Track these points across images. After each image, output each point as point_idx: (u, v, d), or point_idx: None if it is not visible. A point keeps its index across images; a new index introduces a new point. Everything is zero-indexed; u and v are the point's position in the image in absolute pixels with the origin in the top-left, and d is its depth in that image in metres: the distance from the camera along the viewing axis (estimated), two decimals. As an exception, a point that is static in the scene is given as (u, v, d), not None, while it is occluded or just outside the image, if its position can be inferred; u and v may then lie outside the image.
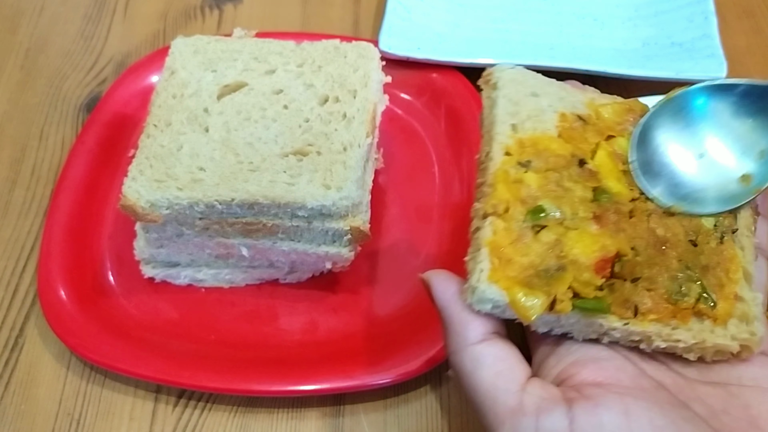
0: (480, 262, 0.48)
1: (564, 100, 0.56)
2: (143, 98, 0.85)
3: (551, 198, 0.51)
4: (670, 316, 0.48)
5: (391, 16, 0.93)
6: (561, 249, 0.49)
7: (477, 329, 0.48)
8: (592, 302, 0.48)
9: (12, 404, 0.72)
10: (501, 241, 0.49)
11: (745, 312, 0.49)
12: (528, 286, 0.47)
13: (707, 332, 0.48)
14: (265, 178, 0.68)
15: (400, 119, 0.88)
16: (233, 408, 0.71)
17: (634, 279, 0.49)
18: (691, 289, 0.49)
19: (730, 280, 0.50)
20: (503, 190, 0.50)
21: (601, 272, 0.48)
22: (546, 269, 0.48)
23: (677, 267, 0.50)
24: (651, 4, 0.97)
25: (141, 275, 0.76)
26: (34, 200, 0.85)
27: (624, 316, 0.48)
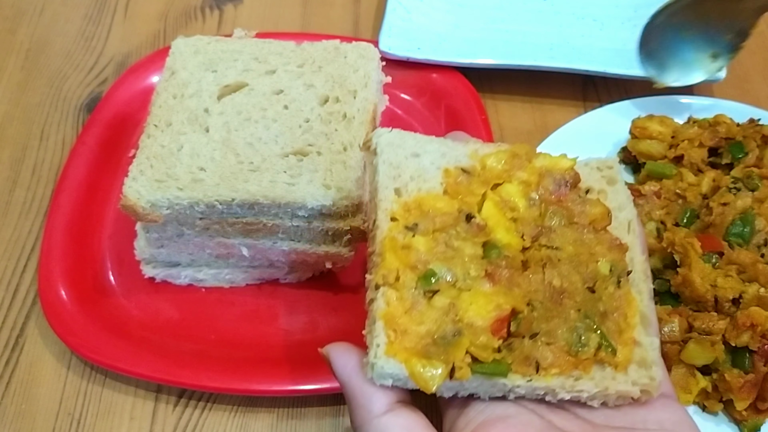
0: (376, 337, 0.47)
1: (446, 155, 0.55)
2: (144, 98, 0.85)
3: (441, 260, 0.50)
4: (572, 368, 0.48)
5: (391, 17, 0.93)
6: (456, 313, 0.48)
7: (381, 401, 0.47)
8: (491, 366, 0.47)
9: (13, 404, 0.72)
10: (395, 312, 0.47)
11: (643, 357, 0.50)
12: (426, 356, 0.47)
13: (609, 380, 0.49)
14: (266, 178, 0.68)
15: (400, 119, 0.88)
16: (233, 407, 0.71)
17: (533, 335, 0.49)
18: (590, 339, 0.49)
19: (628, 325, 0.50)
20: (392, 258, 0.49)
21: (497, 333, 0.48)
22: (443, 336, 0.47)
23: (576, 317, 0.50)
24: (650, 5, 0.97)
25: (141, 275, 0.76)
26: (35, 200, 0.86)
27: (526, 373, 0.48)
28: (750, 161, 0.75)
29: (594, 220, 0.53)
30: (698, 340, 0.64)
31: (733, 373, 0.63)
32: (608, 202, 0.55)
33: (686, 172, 0.77)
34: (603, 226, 0.53)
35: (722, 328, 0.64)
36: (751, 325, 0.63)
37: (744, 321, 0.63)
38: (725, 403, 0.66)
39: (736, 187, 0.72)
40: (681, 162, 0.79)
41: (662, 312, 0.66)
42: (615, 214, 0.54)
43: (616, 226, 0.54)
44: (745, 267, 0.67)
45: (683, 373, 0.65)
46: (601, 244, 0.52)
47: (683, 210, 0.74)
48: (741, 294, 0.65)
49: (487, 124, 0.85)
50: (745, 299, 0.65)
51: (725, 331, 0.64)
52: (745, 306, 0.65)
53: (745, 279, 0.66)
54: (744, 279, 0.66)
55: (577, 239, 0.52)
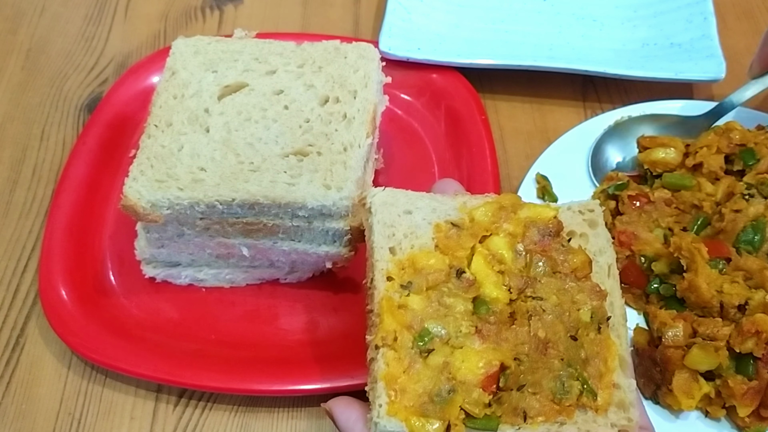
0: (378, 397, 0.50)
1: (437, 210, 0.58)
2: (144, 99, 0.85)
3: (435, 318, 0.53)
4: (557, 414, 0.52)
5: (391, 17, 0.93)
6: (449, 371, 0.52)
7: None
8: (483, 421, 0.51)
9: (13, 403, 0.72)
10: (394, 372, 0.51)
11: (622, 399, 0.53)
12: (424, 414, 0.50)
13: (591, 422, 0.52)
14: (266, 178, 0.68)
15: (400, 120, 0.88)
16: (234, 407, 0.71)
17: (520, 387, 0.52)
18: (573, 386, 0.52)
19: (608, 368, 0.54)
20: (389, 320, 0.53)
21: (488, 389, 0.51)
22: (438, 394, 0.51)
23: (559, 366, 0.53)
24: (650, 5, 0.98)
25: (142, 275, 0.76)
26: (35, 200, 0.86)
27: (515, 423, 0.51)
28: (762, 167, 0.75)
29: (576, 269, 0.56)
30: (702, 346, 0.64)
31: (736, 379, 0.63)
32: (589, 246, 0.58)
33: (704, 182, 0.76)
34: (585, 275, 0.56)
35: (727, 334, 0.64)
36: (756, 332, 0.63)
37: (749, 327, 0.63)
38: (728, 409, 0.66)
39: (750, 193, 0.72)
40: (698, 170, 0.78)
41: (667, 316, 0.67)
42: (596, 258, 0.58)
43: (597, 271, 0.57)
44: (753, 273, 0.67)
45: (686, 378, 0.65)
46: (582, 292, 0.56)
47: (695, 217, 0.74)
48: (747, 300, 0.65)
49: (487, 124, 0.85)
50: (751, 306, 0.65)
51: (730, 337, 0.64)
52: (750, 312, 0.65)
53: (752, 285, 0.67)
54: (750, 285, 0.67)
55: (560, 288, 0.56)
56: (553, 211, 0.58)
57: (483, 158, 0.82)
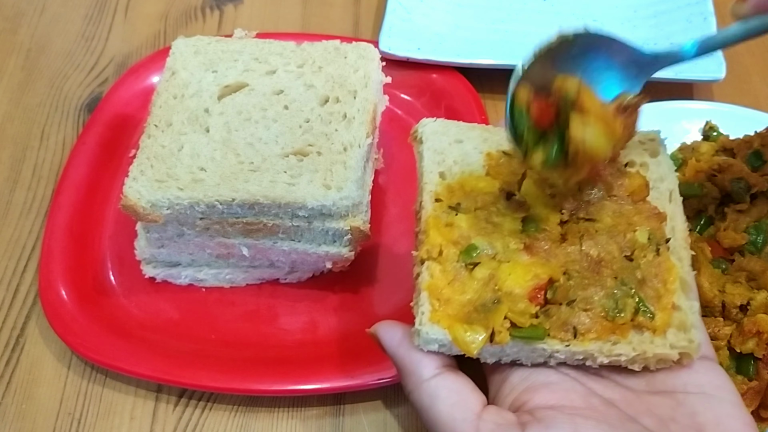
0: (421, 306, 0.50)
1: (488, 140, 0.59)
2: (144, 99, 0.85)
3: (482, 235, 0.53)
4: (610, 333, 0.50)
5: (391, 17, 0.93)
6: (495, 283, 0.51)
7: (429, 366, 0.50)
8: (529, 330, 0.50)
9: (13, 404, 0.72)
10: (438, 284, 0.51)
11: (682, 321, 0.51)
12: (468, 322, 0.49)
13: (647, 343, 0.50)
14: (266, 178, 0.68)
15: (400, 119, 0.88)
16: (234, 407, 0.71)
17: (570, 302, 0.51)
18: (627, 304, 0.51)
19: (668, 290, 0.52)
20: (435, 235, 0.53)
21: (535, 300, 0.50)
22: (483, 304, 0.50)
23: (612, 284, 0.51)
24: (650, 5, 0.98)
25: (142, 275, 0.76)
26: (35, 200, 0.86)
27: (564, 339, 0.50)
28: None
29: (632, 192, 0.55)
30: None
31: (736, 379, 0.63)
32: (650, 174, 0.56)
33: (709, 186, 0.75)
34: (641, 198, 0.55)
35: (728, 334, 0.64)
36: (757, 332, 0.63)
37: (750, 328, 0.63)
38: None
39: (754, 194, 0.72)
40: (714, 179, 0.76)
41: None
42: (656, 185, 0.56)
43: (657, 197, 0.55)
44: (755, 274, 0.67)
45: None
46: (639, 214, 0.54)
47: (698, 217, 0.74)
48: (749, 301, 0.65)
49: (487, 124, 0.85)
50: (753, 306, 0.65)
51: (731, 337, 0.64)
52: (752, 313, 0.65)
53: (754, 286, 0.66)
54: (753, 286, 0.67)
55: (616, 211, 0.54)
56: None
57: (483, 158, 0.82)
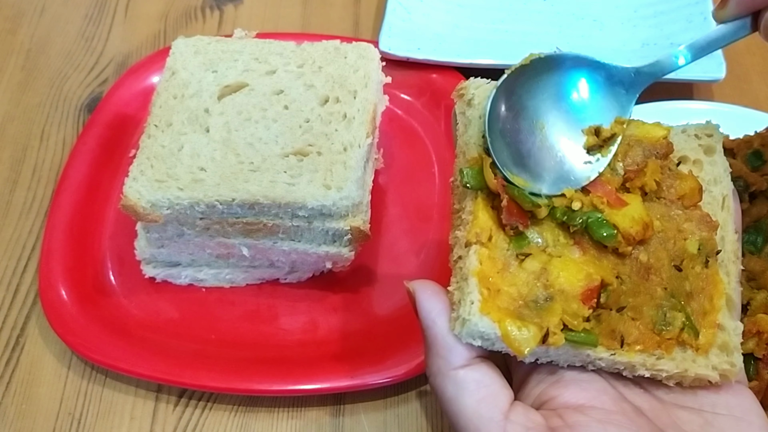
0: (469, 293, 0.45)
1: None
2: (144, 99, 0.85)
3: (534, 221, 0.49)
4: (655, 346, 0.48)
5: (391, 17, 0.93)
6: (547, 278, 0.47)
7: (462, 354, 0.46)
8: (583, 336, 0.46)
9: (13, 404, 0.72)
10: (488, 271, 0.47)
11: (725, 342, 0.49)
12: (519, 318, 0.46)
13: (689, 362, 0.48)
14: (266, 178, 0.68)
15: (400, 119, 0.88)
16: (234, 407, 0.71)
17: (620, 308, 0.48)
18: (675, 319, 0.48)
19: (713, 307, 0.49)
20: (485, 217, 0.48)
21: (588, 302, 0.47)
22: (535, 300, 0.46)
23: (662, 295, 0.49)
24: (650, 5, 0.98)
25: (142, 275, 0.76)
26: (35, 200, 0.86)
27: (611, 347, 0.47)
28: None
29: (683, 196, 0.51)
30: None
31: None
32: (703, 174, 0.52)
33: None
34: (693, 203, 0.51)
35: None
36: (757, 332, 0.62)
37: (750, 328, 0.62)
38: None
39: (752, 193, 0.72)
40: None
41: None
42: (709, 188, 0.52)
43: (710, 201, 0.52)
44: (755, 274, 0.67)
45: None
46: (690, 221, 0.51)
47: None
48: (749, 301, 0.65)
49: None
50: (753, 306, 0.65)
51: None
52: (752, 313, 0.64)
53: (754, 286, 0.66)
54: (753, 286, 0.66)
55: (664, 214, 0.51)
56: (664, 131, 0.52)
57: (483, 158, 0.82)
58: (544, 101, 0.52)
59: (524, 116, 0.51)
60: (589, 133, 0.52)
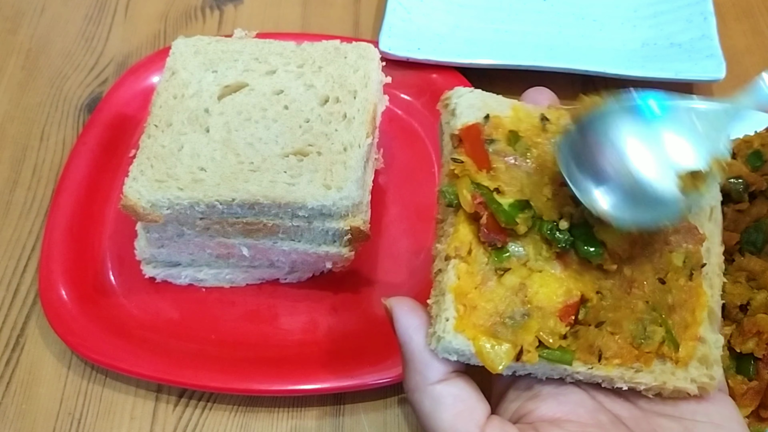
0: (445, 310, 0.46)
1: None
2: (144, 99, 0.85)
3: (514, 236, 0.49)
4: (634, 360, 0.48)
5: (391, 17, 0.93)
6: (525, 293, 0.47)
7: (438, 369, 0.47)
8: (558, 353, 0.46)
9: (13, 403, 0.72)
10: (465, 287, 0.47)
11: (705, 354, 0.49)
12: (494, 336, 0.46)
13: (668, 374, 0.48)
14: (266, 178, 0.68)
15: (400, 120, 0.88)
16: (234, 407, 0.71)
17: (599, 323, 0.48)
18: (655, 332, 0.48)
19: (695, 320, 0.49)
20: (465, 231, 0.48)
21: (566, 319, 0.47)
22: (511, 316, 0.47)
23: (643, 309, 0.48)
24: (650, 5, 0.98)
25: (142, 275, 0.76)
26: (35, 200, 0.86)
27: (588, 362, 0.47)
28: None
29: None
30: None
31: (736, 379, 0.63)
32: None
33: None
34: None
35: (728, 334, 0.64)
36: (757, 332, 0.62)
37: (750, 328, 0.63)
38: (727, 409, 0.66)
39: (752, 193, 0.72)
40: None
41: None
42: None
43: (696, 212, 0.51)
44: (755, 274, 0.67)
45: (687, 377, 0.65)
46: (677, 233, 0.50)
47: None
48: (749, 301, 0.65)
49: (487, 124, 0.85)
50: (753, 306, 0.65)
51: (731, 337, 0.64)
52: (752, 313, 0.64)
53: (754, 286, 0.66)
54: (753, 286, 0.66)
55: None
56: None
57: (483, 158, 0.82)
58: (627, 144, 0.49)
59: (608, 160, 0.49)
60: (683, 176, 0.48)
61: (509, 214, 0.48)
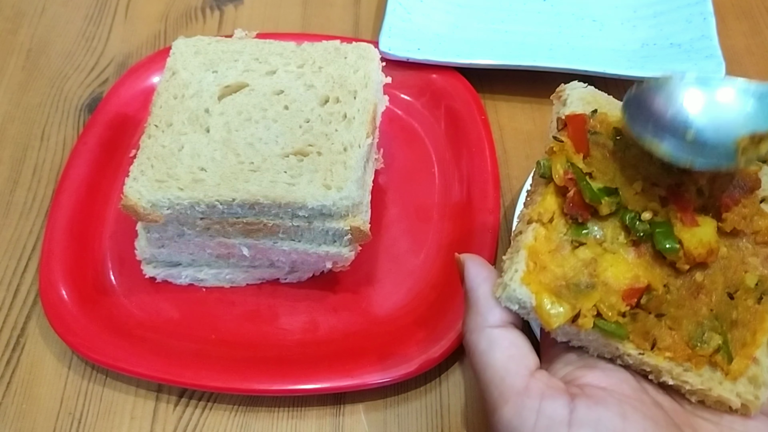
0: (517, 263, 0.49)
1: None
2: (144, 99, 0.85)
3: (596, 217, 0.52)
4: (685, 359, 0.49)
5: (391, 17, 0.93)
6: (594, 268, 0.50)
7: (497, 315, 0.50)
8: (613, 326, 0.49)
9: (13, 403, 0.72)
10: (540, 248, 0.50)
11: (756, 375, 0.50)
12: (556, 295, 0.49)
13: (716, 382, 0.49)
14: (266, 178, 0.68)
15: (400, 120, 0.88)
16: (234, 407, 0.71)
17: (659, 314, 0.50)
18: (712, 339, 0.50)
19: (754, 341, 0.50)
20: (552, 201, 0.52)
21: (628, 300, 0.49)
22: (576, 283, 0.49)
23: (706, 315, 0.50)
24: (650, 5, 0.98)
25: (142, 275, 0.76)
26: (36, 200, 0.86)
27: (641, 347, 0.49)
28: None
29: (757, 232, 0.53)
30: None
31: None
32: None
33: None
34: (765, 241, 0.53)
35: None
36: None
37: None
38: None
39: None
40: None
41: None
42: None
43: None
44: None
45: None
46: (756, 256, 0.52)
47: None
48: None
49: (486, 124, 0.85)
50: None
51: None
52: None
53: None
54: None
55: (733, 244, 0.52)
56: (756, 167, 0.54)
57: (483, 158, 0.82)
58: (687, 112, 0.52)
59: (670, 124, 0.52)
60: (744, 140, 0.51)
61: (595, 193, 0.51)
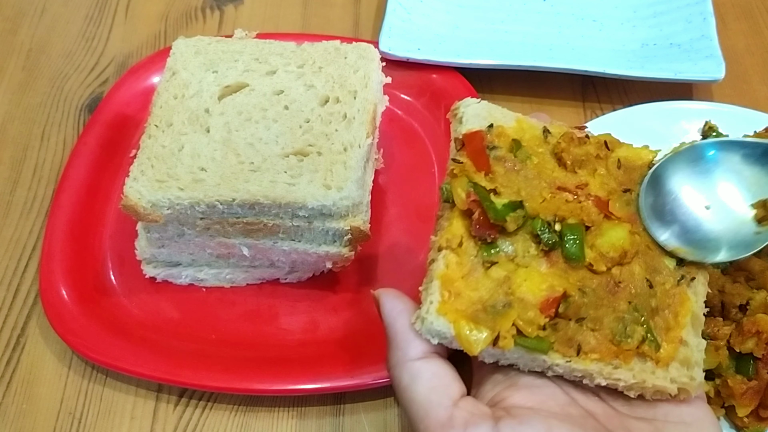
0: (431, 294, 0.49)
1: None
2: (144, 99, 0.85)
3: (504, 233, 0.52)
4: (613, 356, 0.50)
5: (391, 18, 0.94)
6: (509, 286, 0.50)
7: (418, 347, 0.50)
8: (534, 341, 0.49)
9: (14, 403, 0.72)
10: (452, 275, 0.50)
11: (687, 357, 0.51)
12: (474, 321, 0.49)
13: (648, 373, 0.50)
14: (266, 178, 0.68)
15: (400, 120, 0.88)
16: (234, 407, 0.71)
17: (579, 319, 0.50)
18: (635, 331, 0.50)
19: (678, 323, 0.51)
20: (458, 225, 0.52)
21: (546, 311, 0.49)
22: (493, 305, 0.49)
23: (625, 308, 0.51)
24: (650, 6, 0.98)
25: (142, 275, 0.76)
26: (36, 200, 0.86)
27: (567, 354, 0.49)
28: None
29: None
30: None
31: (736, 379, 0.63)
32: None
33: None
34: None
35: (727, 334, 0.64)
36: (756, 332, 0.63)
37: (750, 327, 0.63)
38: (727, 409, 0.66)
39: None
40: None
41: None
42: None
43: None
44: (755, 274, 0.67)
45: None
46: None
47: None
48: (748, 300, 0.65)
49: (486, 124, 0.85)
50: (753, 306, 0.65)
51: (730, 337, 0.64)
52: (751, 313, 0.65)
53: (754, 286, 0.67)
54: (752, 286, 0.67)
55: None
56: (651, 154, 0.56)
57: (483, 158, 0.82)
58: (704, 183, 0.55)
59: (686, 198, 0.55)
60: (757, 207, 0.54)
61: (499, 212, 0.51)
